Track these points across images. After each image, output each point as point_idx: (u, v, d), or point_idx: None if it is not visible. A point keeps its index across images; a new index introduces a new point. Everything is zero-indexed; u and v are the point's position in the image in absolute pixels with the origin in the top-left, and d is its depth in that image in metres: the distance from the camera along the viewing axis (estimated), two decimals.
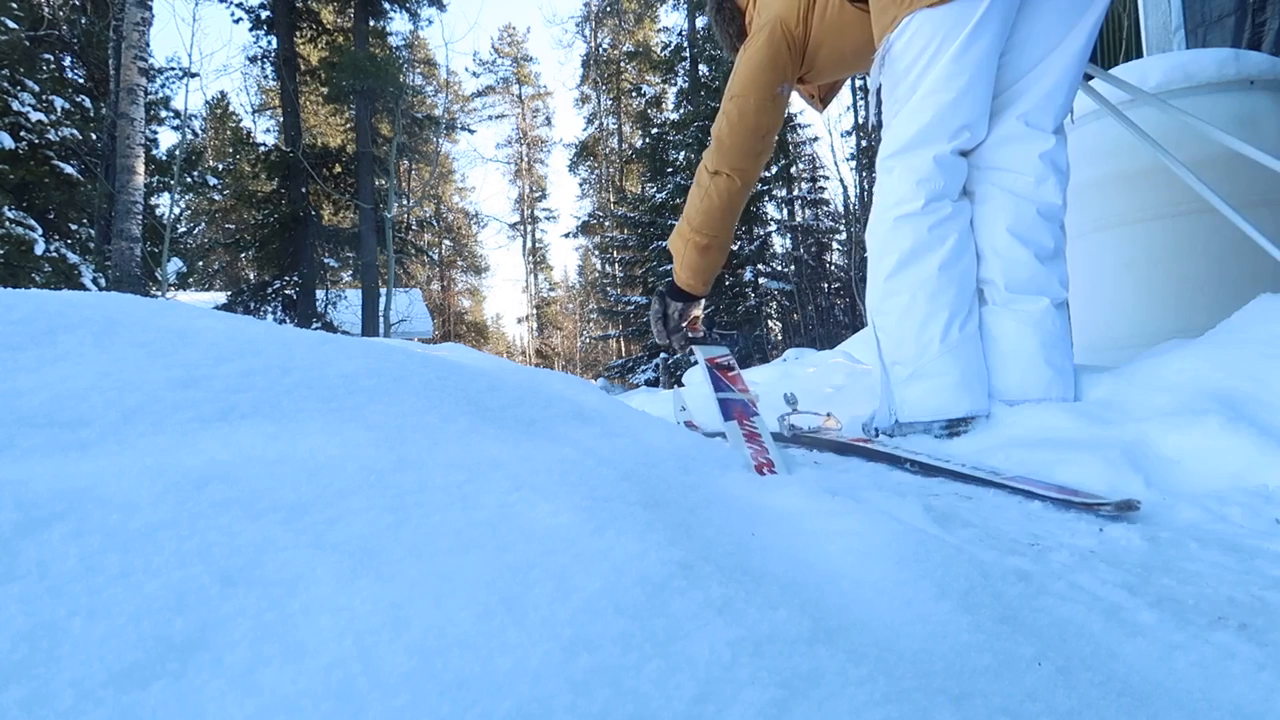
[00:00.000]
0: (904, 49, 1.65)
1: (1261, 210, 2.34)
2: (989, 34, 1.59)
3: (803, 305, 14.70)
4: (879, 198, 1.74)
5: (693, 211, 1.95)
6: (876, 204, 1.75)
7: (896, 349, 1.69)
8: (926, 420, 1.64)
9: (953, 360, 1.63)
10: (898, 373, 1.69)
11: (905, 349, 1.67)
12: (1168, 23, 4.05)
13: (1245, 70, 2.58)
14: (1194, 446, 1.33)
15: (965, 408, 1.62)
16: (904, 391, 1.68)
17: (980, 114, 1.66)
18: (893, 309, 1.69)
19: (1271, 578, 0.90)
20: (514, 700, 0.43)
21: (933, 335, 1.63)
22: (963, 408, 1.62)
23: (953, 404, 1.62)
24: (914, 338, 1.65)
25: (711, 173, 1.91)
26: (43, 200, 9.95)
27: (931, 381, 1.63)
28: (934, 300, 1.64)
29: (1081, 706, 0.57)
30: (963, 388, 1.62)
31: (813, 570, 0.73)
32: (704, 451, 1.18)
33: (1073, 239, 2.86)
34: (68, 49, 11.79)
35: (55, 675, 0.41)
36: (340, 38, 16.13)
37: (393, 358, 1.08)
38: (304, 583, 0.52)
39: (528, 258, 34.17)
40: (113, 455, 0.65)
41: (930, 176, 1.66)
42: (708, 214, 1.93)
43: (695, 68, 18.68)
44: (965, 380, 1.62)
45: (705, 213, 1.93)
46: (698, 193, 1.94)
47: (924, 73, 1.63)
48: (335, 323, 15.31)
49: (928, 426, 1.64)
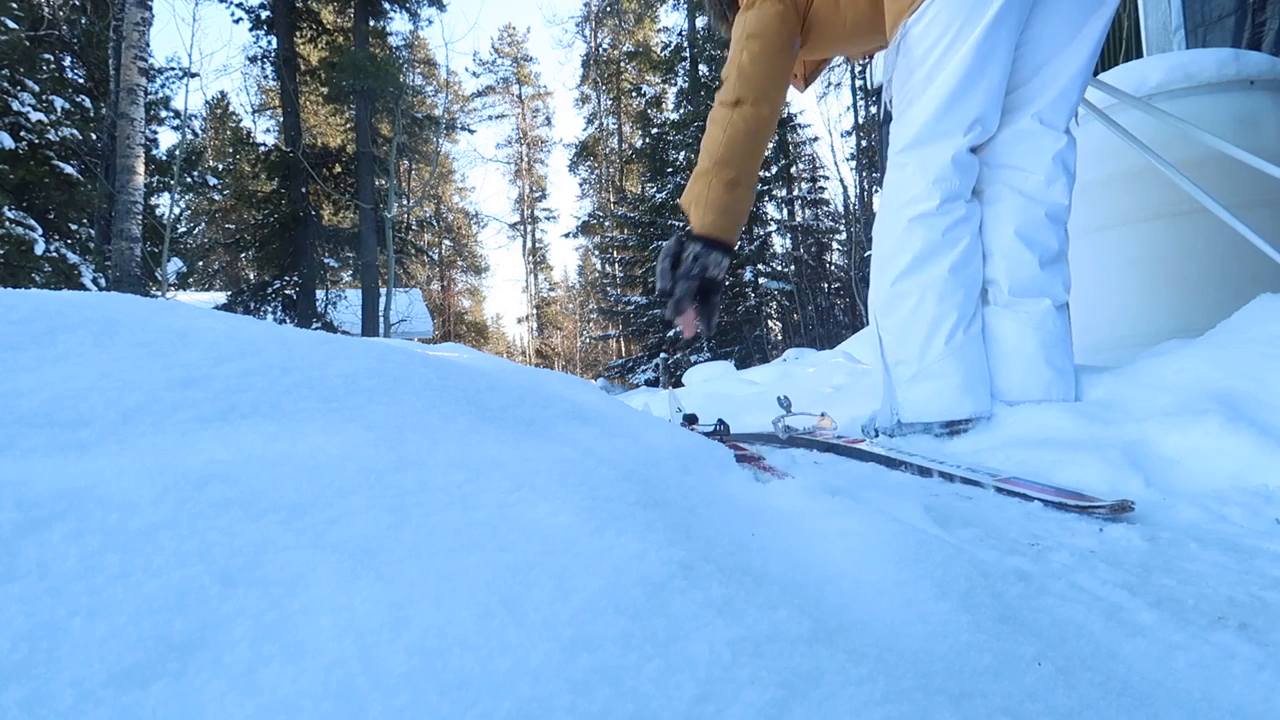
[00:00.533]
0: (921, 35, 1.62)
1: (1260, 210, 2.34)
2: (1009, 24, 1.57)
3: (803, 305, 14.70)
4: (891, 194, 1.72)
5: (713, 145, 1.71)
6: (888, 200, 1.73)
7: (901, 349, 1.68)
8: (928, 421, 1.64)
9: (956, 362, 1.63)
10: (901, 373, 1.68)
11: (910, 349, 1.66)
12: (1168, 23, 4.05)
13: (1245, 70, 2.58)
14: (1194, 446, 1.33)
15: (968, 409, 1.62)
16: (907, 392, 1.67)
17: (994, 107, 1.64)
18: (900, 310, 1.68)
19: (1271, 578, 0.90)
20: (514, 700, 0.43)
21: (939, 337, 1.63)
22: (965, 409, 1.62)
23: (956, 405, 1.62)
24: (920, 339, 1.65)
25: (732, 104, 1.70)
26: (43, 200, 9.95)
27: (935, 383, 1.63)
28: (943, 302, 1.63)
29: (1081, 706, 0.57)
30: (966, 390, 1.62)
31: (813, 570, 0.73)
32: (704, 451, 1.18)
33: (1074, 239, 2.85)
34: (68, 49, 11.79)
35: (55, 675, 0.41)
36: (340, 38, 16.14)
37: (393, 358, 1.08)
38: (304, 583, 0.52)
39: (528, 258, 34.18)
40: (113, 455, 0.65)
41: (946, 176, 1.64)
42: (731, 144, 1.69)
43: (695, 68, 18.68)
44: (968, 382, 1.62)
45: (729, 143, 1.69)
46: (716, 129, 1.72)
47: (941, 60, 1.60)
48: (335, 323, 15.32)
49: (928, 427, 1.64)
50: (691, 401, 2.78)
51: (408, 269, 20.83)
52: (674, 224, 16.25)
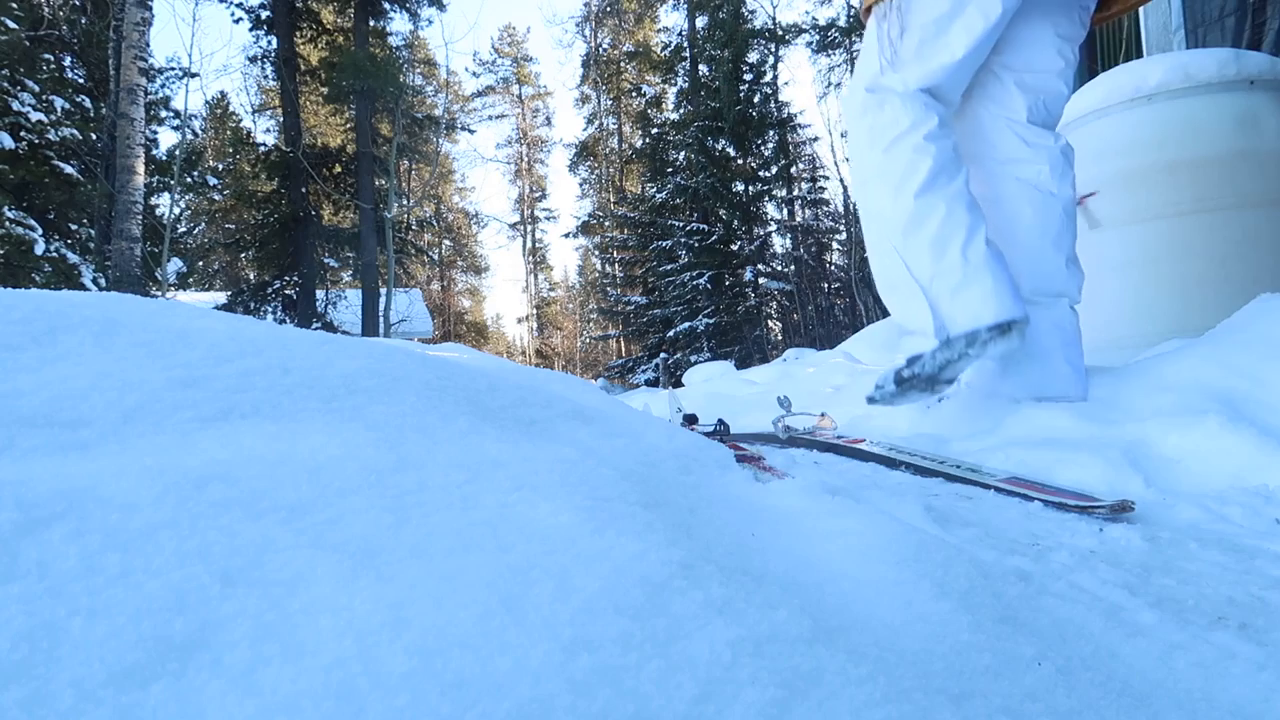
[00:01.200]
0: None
1: (1262, 210, 2.34)
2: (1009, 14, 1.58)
3: (803, 305, 14.69)
4: (882, 125, 1.68)
5: None
6: (881, 131, 1.68)
7: (938, 261, 1.63)
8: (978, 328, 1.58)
9: (997, 265, 1.59)
10: (943, 285, 1.63)
11: (951, 258, 1.61)
12: (1168, 23, 4.05)
13: (1245, 70, 2.58)
14: (1194, 446, 1.34)
15: (1019, 310, 1.57)
16: (955, 301, 1.62)
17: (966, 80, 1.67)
18: (929, 223, 1.62)
19: (1271, 578, 0.90)
20: (514, 700, 0.43)
21: (977, 242, 1.59)
22: (1019, 309, 1.57)
23: (1009, 306, 1.57)
24: (959, 245, 1.60)
25: None
26: (43, 200, 9.95)
27: (983, 286, 1.58)
28: (971, 211, 1.61)
29: (1081, 706, 0.57)
30: (1011, 291, 1.58)
31: (813, 570, 0.73)
32: (704, 452, 1.18)
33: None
34: (68, 49, 11.78)
35: (55, 675, 0.41)
36: (340, 38, 16.12)
37: (393, 358, 1.08)
38: (304, 583, 0.52)
39: (528, 258, 34.16)
40: (113, 455, 0.65)
41: (932, 104, 1.64)
42: None
43: (695, 68, 18.67)
44: (1009, 285, 1.59)
45: None
46: None
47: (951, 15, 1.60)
48: (335, 323, 15.31)
49: (973, 337, 1.58)
50: (691, 401, 2.78)
51: (408, 269, 20.81)
52: (674, 224, 16.26)
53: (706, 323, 15.12)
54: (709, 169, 15.32)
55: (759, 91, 16.31)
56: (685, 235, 15.94)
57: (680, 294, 15.89)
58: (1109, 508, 1.13)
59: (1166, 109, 2.60)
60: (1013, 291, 1.58)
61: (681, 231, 16.01)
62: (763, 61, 16.70)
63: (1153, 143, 2.60)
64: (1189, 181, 2.51)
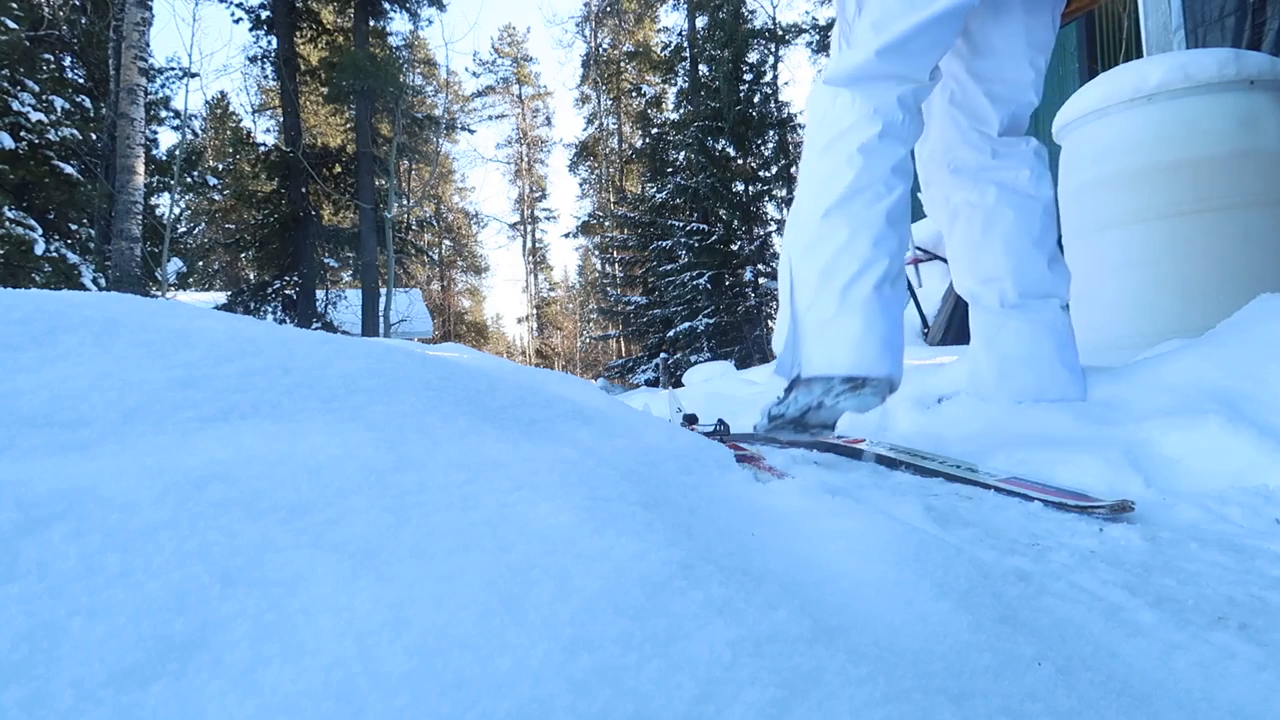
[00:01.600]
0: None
1: (1263, 211, 2.35)
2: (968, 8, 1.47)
3: None
4: (826, 123, 1.54)
5: None
6: (821, 131, 1.55)
7: (821, 291, 1.49)
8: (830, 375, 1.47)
9: (883, 315, 1.46)
10: (815, 317, 1.50)
11: (831, 291, 1.47)
12: (1168, 23, 4.05)
13: (1245, 70, 2.58)
14: (1194, 446, 1.34)
15: (885, 368, 1.45)
16: (818, 339, 1.49)
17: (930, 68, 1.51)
18: (827, 247, 1.48)
19: (1271, 578, 0.90)
20: (514, 700, 0.43)
21: (866, 281, 1.45)
22: (883, 367, 1.45)
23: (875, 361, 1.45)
24: (844, 280, 1.46)
25: None
26: (43, 200, 9.95)
27: (854, 333, 1.45)
28: (877, 247, 1.46)
29: (1081, 706, 0.57)
30: (887, 346, 1.46)
31: (813, 570, 0.73)
32: (704, 452, 1.18)
33: (1073, 239, 2.87)
34: (68, 49, 11.79)
35: (55, 675, 0.41)
36: (340, 38, 16.13)
37: (393, 358, 1.08)
38: (304, 583, 0.52)
39: (528, 258, 34.17)
40: (113, 455, 0.65)
41: (890, 108, 1.48)
42: None
43: (695, 68, 18.67)
44: (890, 340, 1.46)
45: None
46: None
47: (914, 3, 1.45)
48: (335, 323, 15.32)
49: (828, 384, 1.47)
50: (691, 401, 2.77)
51: (408, 269, 20.81)
52: (674, 224, 16.27)
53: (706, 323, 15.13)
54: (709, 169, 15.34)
55: (759, 91, 16.33)
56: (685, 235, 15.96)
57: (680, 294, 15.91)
58: (1109, 508, 1.13)
59: (1167, 109, 2.60)
60: (886, 347, 1.45)
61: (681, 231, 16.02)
62: (763, 61, 16.72)
63: (1153, 143, 2.60)
64: (1189, 181, 2.51)
